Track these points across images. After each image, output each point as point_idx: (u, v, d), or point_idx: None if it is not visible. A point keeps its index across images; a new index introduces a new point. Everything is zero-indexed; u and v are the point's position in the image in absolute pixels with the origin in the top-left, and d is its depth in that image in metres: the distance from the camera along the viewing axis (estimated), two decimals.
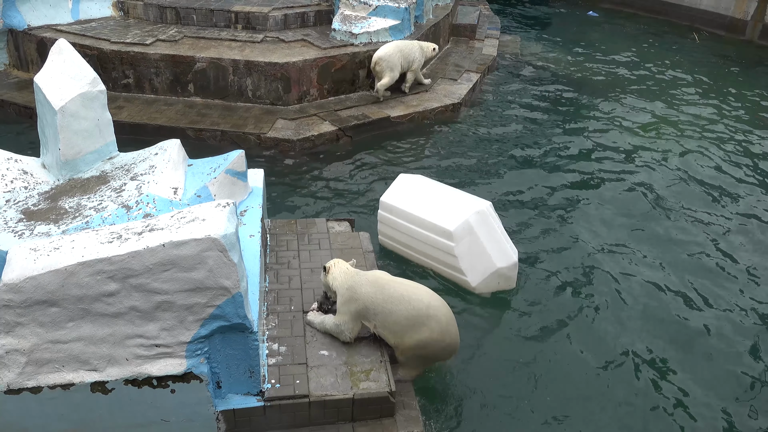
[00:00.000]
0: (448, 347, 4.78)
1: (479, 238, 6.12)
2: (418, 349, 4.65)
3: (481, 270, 6.18)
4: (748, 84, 13.06)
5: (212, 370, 4.05)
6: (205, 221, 3.72)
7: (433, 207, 6.33)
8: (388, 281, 4.75)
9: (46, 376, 3.80)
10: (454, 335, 4.77)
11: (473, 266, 6.18)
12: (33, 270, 3.55)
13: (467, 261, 6.17)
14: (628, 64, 13.74)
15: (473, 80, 11.42)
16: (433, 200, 6.42)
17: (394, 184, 6.74)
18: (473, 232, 6.11)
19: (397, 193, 6.62)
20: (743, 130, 10.80)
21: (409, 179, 6.76)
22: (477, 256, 6.15)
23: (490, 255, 6.14)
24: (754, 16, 15.83)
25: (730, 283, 6.88)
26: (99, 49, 9.74)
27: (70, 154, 4.91)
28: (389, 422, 4.40)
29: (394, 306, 4.59)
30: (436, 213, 6.26)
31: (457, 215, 6.15)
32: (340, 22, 10.59)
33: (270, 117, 9.56)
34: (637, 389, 5.46)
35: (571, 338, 5.95)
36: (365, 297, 4.64)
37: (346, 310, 4.67)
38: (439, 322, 4.64)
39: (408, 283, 4.81)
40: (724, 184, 8.94)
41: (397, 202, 6.52)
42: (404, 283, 4.81)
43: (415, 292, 4.69)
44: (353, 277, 4.76)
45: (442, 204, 6.34)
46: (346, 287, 4.72)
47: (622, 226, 7.80)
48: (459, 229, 6.08)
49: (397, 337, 4.62)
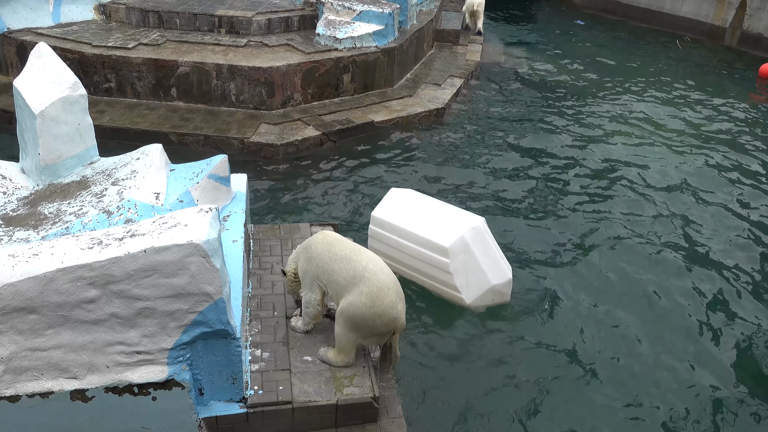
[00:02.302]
0: (377, 318, 4.36)
1: (474, 254, 6.02)
2: (347, 315, 4.41)
3: (476, 287, 6.08)
4: (727, 88, 13.27)
5: (194, 377, 4.01)
6: (187, 227, 3.69)
7: (426, 222, 6.18)
8: (336, 240, 4.67)
9: (24, 384, 3.74)
10: (386, 306, 4.37)
11: (468, 283, 6.07)
12: (11, 276, 3.50)
13: (462, 278, 6.05)
14: (612, 70, 13.91)
15: (457, 85, 11.48)
16: (427, 216, 6.27)
17: (385, 199, 6.58)
18: (468, 248, 6.00)
19: (388, 207, 6.45)
20: (726, 132, 10.97)
21: (400, 193, 6.61)
22: (472, 272, 6.04)
23: (485, 272, 6.05)
24: (733, 23, 16.10)
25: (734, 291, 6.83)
26: (80, 53, 9.65)
27: (50, 159, 4.85)
28: (373, 428, 4.39)
29: (336, 264, 4.51)
30: (430, 229, 6.11)
31: (452, 231, 6.02)
32: (324, 27, 10.59)
33: (253, 121, 9.53)
34: (636, 403, 5.42)
35: (564, 352, 5.89)
36: (316, 253, 4.61)
37: (304, 273, 4.67)
38: (371, 287, 4.36)
39: (355, 246, 4.66)
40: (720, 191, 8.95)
41: (390, 217, 6.35)
42: (350, 244, 4.66)
43: (358, 254, 4.54)
44: (308, 239, 4.80)
45: (436, 220, 6.20)
46: (302, 249, 4.76)
47: (617, 237, 7.72)
48: (454, 246, 5.95)
49: (338, 298, 4.52)
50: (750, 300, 6.75)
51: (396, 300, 4.44)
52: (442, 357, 5.75)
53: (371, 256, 4.61)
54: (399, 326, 4.49)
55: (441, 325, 6.06)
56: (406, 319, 4.60)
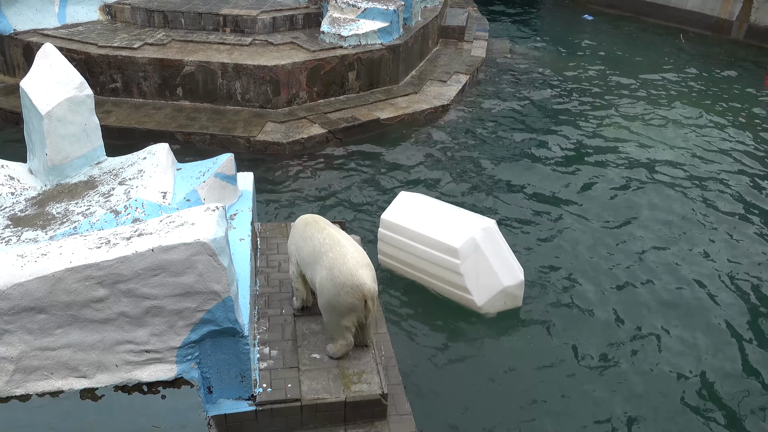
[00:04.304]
0: (341, 289, 4.30)
1: (485, 255, 5.95)
2: (319, 296, 4.45)
3: (488, 289, 6.01)
4: (733, 82, 13.17)
5: (203, 375, 4.02)
6: (194, 225, 3.70)
7: (436, 224, 6.13)
8: (313, 221, 4.80)
9: (34, 383, 3.76)
10: (346, 274, 4.30)
11: (479, 285, 6.00)
12: (20, 277, 3.51)
13: (473, 279, 5.98)
14: (618, 65, 13.82)
15: (462, 82, 11.45)
16: (437, 218, 6.22)
17: (394, 202, 6.54)
18: (479, 249, 5.93)
19: (398, 210, 6.41)
20: (733, 126, 10.89)
21: (409, 197, 6.56)
22: (483, 274, 5.97)
23: (496, 273, 5.98)
24: (739, 17, 15.98)
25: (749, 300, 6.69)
26: (86, 54, 9.68)
27: (57, 159, 4.86)
28: (381, 424, 4.39)
29: (303, 243, 4.69)
30: (440, 230, 6.05)
31: (462, 232, 5.96)
32: (328, 25, 10.59)
33: (259, 120, 9.54)
34: (649, 409, 5.34)
35: (576, 359, 5.79)
36: (294, 232, 4.89)
37: (288, 249, 4.98)
38: (328, 259, 4.38)
39: (325, 227, 4.69)
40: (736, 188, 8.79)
41: (399, 219, 6.31)
42: (322, 225, 4.71)
43: (320, 231, 4.62)
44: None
45: (446, 221, 6.15)
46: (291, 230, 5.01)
47: (636, 238, 7.53)
48: (465, 246, 5.88)
49: (312, 281, 4.64)
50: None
51: (355, 267, 4.33)
52: (451, 358, 5.73)
53: (333, 233, 4.61)
54: (367, 293, 4.31)
55: (452, 328, 6.03)
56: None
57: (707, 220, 8.11)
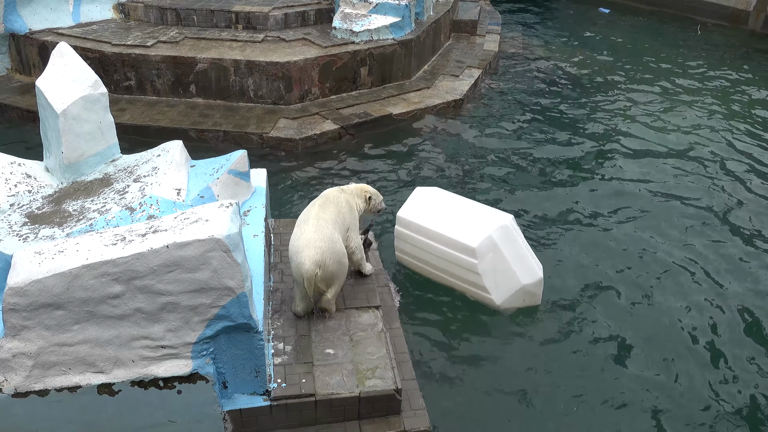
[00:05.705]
0: (290, 261, 4.82)
1: (503, 253, 5.85)
2: None
3: (506, 287, 5.93)
4: (752, 73, 13.00)
5: (218, 371, 4.05)
6: (208, 222, 3.72)
7: (453, 222, 6.03)
8: (314, 204, 5.00)
9: (52, 378, 3.81)
10: (291, 252, 4.77)
11: (497, 284, 5.92)
12: (38, 273, 3.56)
13: (491, 278, 5.91)
14: (634, 58, 13.66)
15: (475, 76, 11.40)
16: (453, 215, 6.11)
17: (410, 198, 6.43)
18: (497, 247, 5.83)
19: (414, 207, 6.30)
20: (754, 121, 10.75)
21: (426, 192, 6.45)
22: (501, 272, 5.88)
23: (514, 271, 5.88)
24: (757, 7, 15.76)
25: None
26: (100, 52, 9.75)
27: (73, 157, 4.91)
28: (396, 420, 4.40)
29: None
30: (457, 228, 5.95)
31: (479, 231, 5.85)
32: (340, 21, 10.58)
33: (272, 116, 9.56)
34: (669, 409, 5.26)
35: (595, 359, 5.71)
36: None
37: None
38: (293, 233, 4.86)
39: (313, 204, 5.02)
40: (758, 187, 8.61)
41: (415, 217, 6.21)
42: (315, 201, 5.04)
43: (310, 206, 4.99)
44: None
45: (463, 219, 6.04)
46: None
47: (652, 233, 7.36)
48: (482, 246, 5.79)
49: None
50: None
51: (301, 246, 4.68)
52: (467, 354, 5.71)
53: (313, 211, 4.89)
54: (304, 273, 4.63)
55: (469, 326, 5.98)
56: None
57: (743, 221, 7.86)
